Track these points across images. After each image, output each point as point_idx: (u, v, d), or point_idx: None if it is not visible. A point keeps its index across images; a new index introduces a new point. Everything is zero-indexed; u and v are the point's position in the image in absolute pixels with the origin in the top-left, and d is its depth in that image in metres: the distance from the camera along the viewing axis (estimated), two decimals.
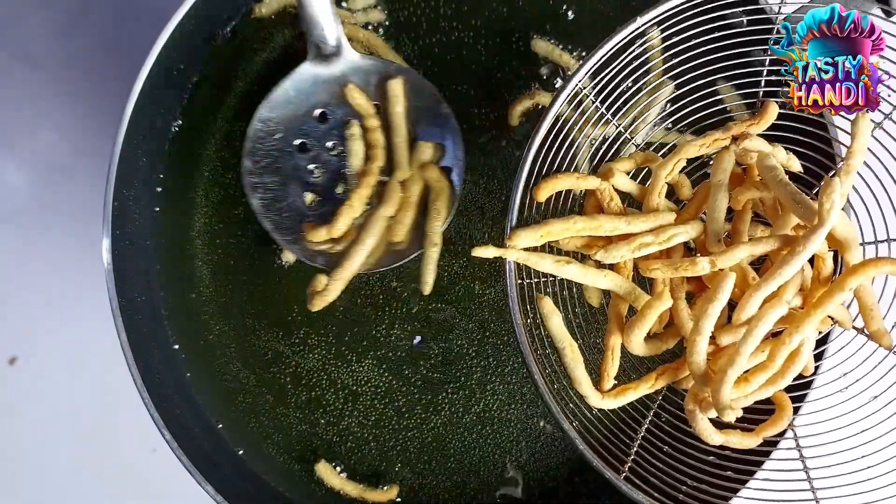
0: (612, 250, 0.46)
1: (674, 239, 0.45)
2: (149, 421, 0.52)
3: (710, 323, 0.43)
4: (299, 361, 0.59)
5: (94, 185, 0.61)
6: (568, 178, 0.46)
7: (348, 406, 0.59)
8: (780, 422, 0.47)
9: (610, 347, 0.47)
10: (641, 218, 0.46)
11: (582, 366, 0.47)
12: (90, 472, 0.64)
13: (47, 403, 0.64)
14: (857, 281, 0.43)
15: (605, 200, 0.47)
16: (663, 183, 0.47)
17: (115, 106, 0.52)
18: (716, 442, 0.46)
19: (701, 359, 0.44)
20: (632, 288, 0.47)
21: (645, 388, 0.47)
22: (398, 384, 0.59)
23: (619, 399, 0.47)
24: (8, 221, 0.64)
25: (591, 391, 0.46)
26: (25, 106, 0.64)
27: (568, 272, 0.46)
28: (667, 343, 0.48)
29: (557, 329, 0.47)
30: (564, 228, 0.45)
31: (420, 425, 0.59)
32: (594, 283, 0.47)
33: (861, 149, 0.44)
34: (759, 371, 0.44)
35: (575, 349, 0.47)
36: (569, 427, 0.47)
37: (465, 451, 0.59)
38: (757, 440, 0.47)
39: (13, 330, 0.65)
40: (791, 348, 0.43)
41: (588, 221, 0.46)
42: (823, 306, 0.43)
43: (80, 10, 0.64)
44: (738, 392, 0.44)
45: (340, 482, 0.58)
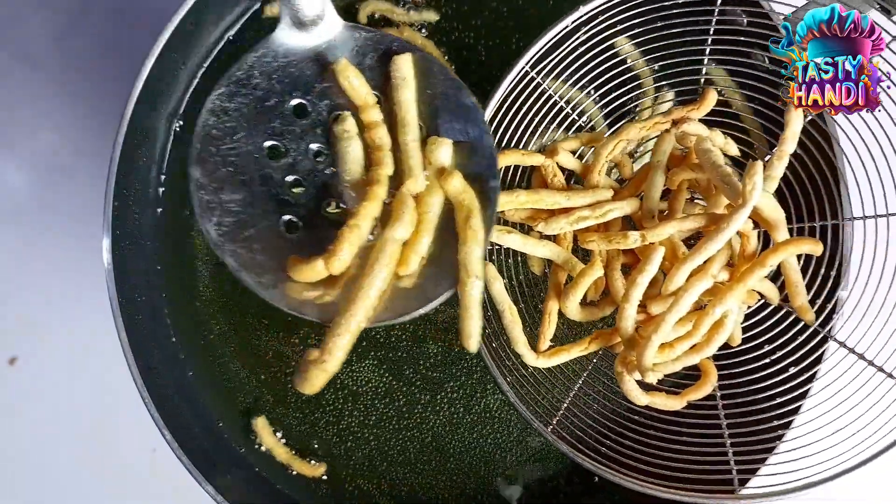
0: (553, 222, 0.49)
1: (609, 214, 0.49)
2: (149, 421, 0.52)
3: (639, 292, 0.46)
4: (299, 361, 0.59)
5: (94, 185, 0.61)
6: (514, 155, 0.50)
7: (348, 406, 0.59)
8: (704, 387, 0.50)
9: (547, 311, 0.51)
10: (581, 193, 0.50)
11: (520, 327, 0.50)
12: (90, 472, 0.64)
13: (47, 403, 0.64)
14: (778, 258, 0.46)
15: (548, 176, 0.51)
16: (604, 161, 0.50)
17: (115, 106, 0.52)
18: (642, 402, 0.49)
19: (629, 324, 0.47)
20: (569, 257, 0.50)
21: (578, 351, 0.51)
22: (398, 384, 0.59)
23: (553, 359, 0.51)
24: (8, 221, 0.64)
25: (526, 350, 0.50)
26: (25, 106, 0.64)
27: (510, 241, 0.50)
28: (603, 310, 0.51)
29: (499, 293, 0.50)
30: (508, 201, 0.49)
31: (420, 425, 0.59)
32: (534, 251, 0.50)
33: (793, 136, 0.47)
34: (684, 339, 0.47)
35: (514, 312, 0.50)
36: (502, 381, 0.50)
37: (465, 451, 0.59)
38: (681, 402, 0.50)
39: (13, 330, 0.65)
40: (714, 319, 0.46)
41: (530, 195, 0.49)
42: (745, 281, 0.46)
43: (80, 11, 0.64)
44: (662, 357, 0.47)
45: (273, 443, 0.58)
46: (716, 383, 0.50)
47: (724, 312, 0.46)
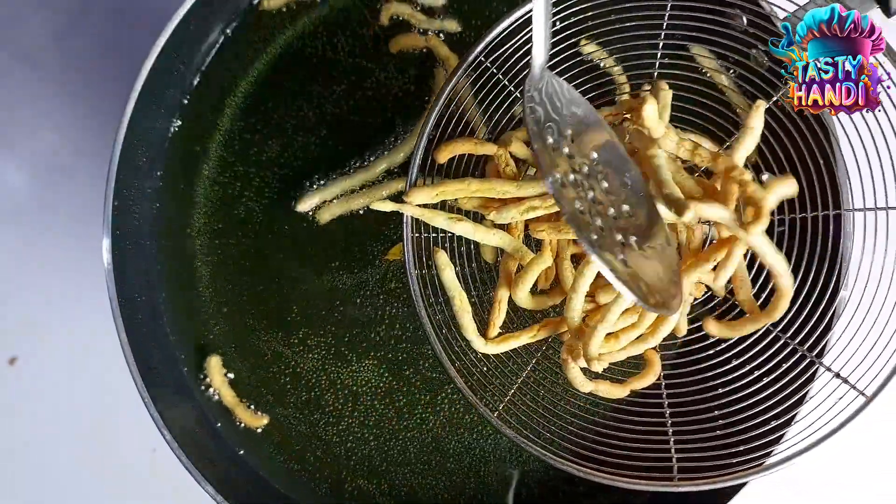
0: (504, 211, 0.49)
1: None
2: (149, 421, 0.52)
3: (586, 283, 0.47)
4: (299, 361, 0.59)
5: (94, 185, 0.61)
6: (467, 143, 0.51)
7: (348, 406, 0.59)
8: (647, 377, 0.50)
9: (498, 299, 0.51)
10: (531, 184, 0.50)
11: (469, 314, 0.51)
12: (90, 472, 0.64)
13: (47, 403, 0.64)
14: (720, 254, 0.46)
15: (501, 165, 0.51)
16: None
17: (115, 106, 0.53)
18: (585, 389, 0.50)
19: (576, 314, 0.48)
20: (519, 246, 0.51)
21: (526, 338, 0.51)
22: (398, 384, 0.59)
23: (501, 346, 0.51)
24: (8, 221, 0.64)
25: (475, 337, 0.51)
26: (25, 106, 0.64)
27: (460, 228, 0.50)
28: (553, 299, 0.52)
29: (450, 280, 0.51)
30: (459, 189, 0.50)
31: (420, 425, 0.59)
32: (484, 239, 0.51)
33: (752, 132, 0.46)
34: (629, 330, 0.48)
35: (464, 299, 0.51)
36: (450, 366, 0.51)
37: (465, 451, 0.59)
38: (624, 391, 0.50)
39: (13, 330, 0.65)
40: None
41: (482, 184, 0.50)
42: (689, 274, 0.46)
43: (80, 10, 0.64)
44: (608, 347, 0.48)
45: (221, 382, 0.58)
46: (659, 373, 0.51)
47: None
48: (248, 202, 0.59)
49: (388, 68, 0.59)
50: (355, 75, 0.59)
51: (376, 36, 0.59)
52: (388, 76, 0.59)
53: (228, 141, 0.59)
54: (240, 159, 0.59)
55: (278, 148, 0.59)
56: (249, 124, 0.59)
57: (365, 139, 0.59)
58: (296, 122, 0.59)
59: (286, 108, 0.59)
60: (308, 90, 0.59)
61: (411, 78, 0.59)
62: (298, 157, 0.59)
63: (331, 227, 0.59)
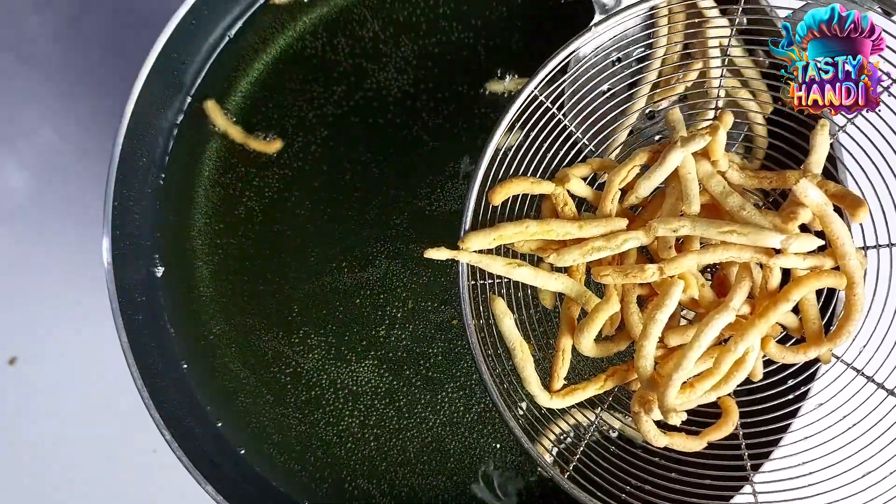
0: (564, 254, 0.47)
1: (625, 244, 0.46)
2: (149, 421, 0.52)
3: (658, 329, 0.44)
4: (299, 361, 0.59)
5: (94, 185, 0.61)
6: (522, 183, 0.48)
7: (348, 406, 0.59)
8: (725, 426, 0.48)
9: (560, 348, 0.48)
10: (593, 223, 0.47)
11: (531, 365, 0.47)
12: (90, 472, 0.64)
13: (47, 403, 0.64)
14: (801, 293, 0.44)
15: (559, 205, 0.48)
16: (617, 189, 0.48)
17: (115, 106, 0.53)
18: (660, 444, 0.47)
19: (648, 363, 0.45)
20: (582, 290, 0.48)
21: (594, 389, 0.48)
22: (398, 384, 0.59)
23: (568, 399, 0.48)
24: (8, 221, 0.64)
25: (539, 390, 0.48)
26: (25, 106, 0.64)
27: (519, 274, 0.47)
28: (618, 345, 0.49)
29: (509, 329, 0.48)
30: (517, 232, 0.47)
31: (420, 425, 0.59)
32: (545, 285, 0.48)
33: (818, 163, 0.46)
34: (704, 378, 0.45)
35: (525, 349, 0.48)
36: (514, 425, 0.48)
37: (466, 451, 0.59)
38: (701, 443, 0.48)
39: (13, 330, 0.65)
40: (736, 356, 0.44)
41: (540, 225, 0.47)
42: (767, 316, 0.44)
43: (80, 11, 0.64)
44: (682, 397, 0.45)
45: (225, 123, 0.57)
46: (737, 421, 0.48)
47: (746, 349, 0.44)
48: (248, 202, 0.59)
49: (388, 69, 0.59)
50: (355, 76, 0.59)
51: (376, 36, 0.59)
52: (388, 77, 0.59)
53: (229, 141, 0.59)
54: (240, 160, 0.59)
55: (278, 148, 0.59)
56: (249, 124, 0.59)
57: (366, 140, 0.59)
58: (296, 122, 0.59)
59: (286, 108, 0.59)
60: (308, 90, 0.59)
61: (411, 79, 0.59)
62: (299, 157, 0.59)
63: (331, 228, 0.59)
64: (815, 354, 0.46)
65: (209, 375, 0.59)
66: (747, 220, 0.44)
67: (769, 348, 0.46)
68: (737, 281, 0.46)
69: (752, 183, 0.47)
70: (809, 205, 0.44)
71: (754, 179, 0.47)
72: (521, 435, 0.48)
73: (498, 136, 0.47)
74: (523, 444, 0.48)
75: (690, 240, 0.47)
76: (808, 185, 0.43)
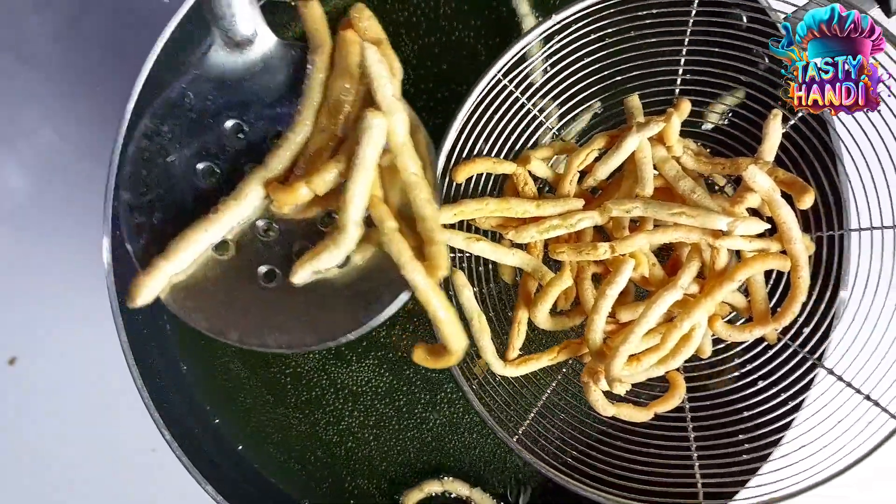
0: (523, 231, 0.49)
1: (579, 223, 0.49)
2: (149, 421, 0.52)
3: (608, 304, 0.47)
4: (299, 361, 0.59)
5: (94, 186, 0.61)
6: (485, 163, 0.50)
7: (348, 406, 0.59)
8: (672, 399, 0.50)
9: (517, 320, 0.50)
10: (551, 203, 0.49)
11: (488, 336, 0.49)
12: (90, 472, 0.64)
13: (47, 403, 0.64)
14: (746, 274, 0.46)
15: (520, 185, 0.51)
16: (576, 171, 0.50)
17: (115, 106, 0.52)
18: (608, 413, 0.49)
19: (598, 336, 0.47)
20: (539, 266, 0.50)
21: (547, 360, 0.51)
22: (398, 384, 0.59)
23: (521, 368, 0.50)
24: (8, 221, 0.64)
25: (494, 359, 0.50)
26: (25, 106, 0.64)
27: (478, 248, 0.49)
28: (573, 320, 0.51)
29: (468, 300, 0.49)
30: (478, 209, 0.49)
31: (420, 425, 0.59)
32: (503, 259, 0.50)
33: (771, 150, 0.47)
34: (651, 352, 0.47)
35: (482, 320, 0.49)
36: (468, 388, 0.50)
37: (465, 451, 0.59)
38: (648, 414, 0.50)
39: (13, 330, 0.65)
40: (682, 332, 0.46)
41: (500, 203, 0.49)
42: (713, 294, 0.46)
43: (80, 11, 0.64)
44: (629, 369, 0.47)
45: None
46: (684, 395, 0.50)
47: (693, 326, 0.46)
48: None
49: None
50: None
51: None
52: None
53: None
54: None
55: None
56: None
57: None
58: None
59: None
60: None
61: (411, 78, 0.59)
62: None
63: None
64: (761, 333, 0.48)
65: (209, 375, 0.59)
66: (697, 203, 0.47)
67: (716, 327, 0.48)
68: (686, 261, 0.48)
69: (706, 169, 0.49)
70: (758, 190, 0.46)
71: (708, 165, 0.49)
72: (474, 398, 0.50)
73: (462, 116, 0.49)
74: (476, 408, 0.50)
75: (644, 221, 0.49)
76: (756, 171, 0.45)
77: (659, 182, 0.49)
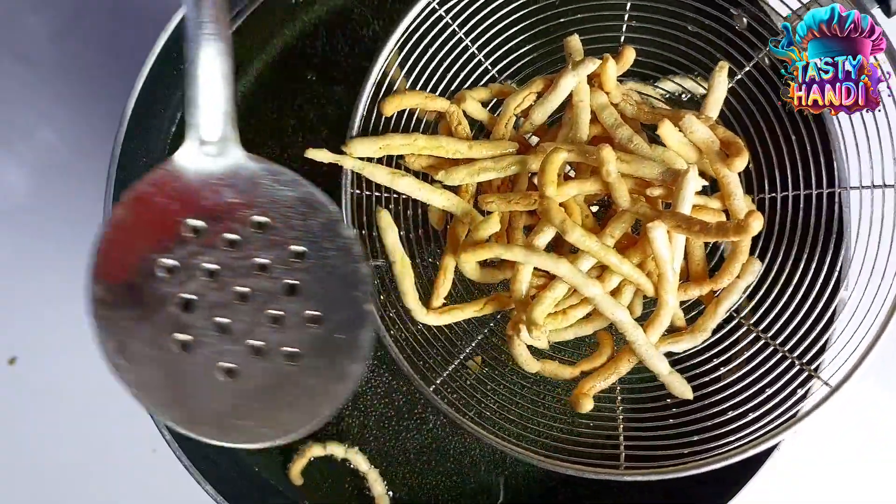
0: (453, 172, 0.47)
1: (511, 168, 0.47)
2: (149, 421, 0.52)
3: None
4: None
5: (94, 185, 0.61)
6: (416, 97, 0.48)
7: (348, 406, 0.59)
8: (599, 358, 0.48)
9: (443, 266, 0.48)
10: (484, 144, 0.47)
11: (410, 280, 0.47)
12: (90, 472, 0.64)
13: (47, 403, 0.64)
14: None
15: (453, 124, 0.48)
16: (512, 114, 0.48)
17: (115, 106, 0.52)
18: (532, 369, 0.47)
19: (523, 286, 0.45)
20: (468, 209, 0.48)
21: (471, 311, 0.48)
22: (398, 384, 0.59)
23: (444, 317, 0.48)
24: (7, 221, 0.64)
25: (416, 305, 0.47)
26: (25, 106, 0.64)
27: (403, 185, 0.47)
28: (504, 272, 0.48)
29: (392, 243, 0.47)
30: (405, 144, 0.47)
31: (420, 425, 0.59)
32: (429, 199, 0.47)
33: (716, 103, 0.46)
34: (578, 306, 0.45)
35: (406, 263, 0.47)
36: (385, 334, 0.47)
37: (465, 451, 0.59)
38: (573, 372, 0.48)
39: (13, 330, 0.65)
40: (610, 287, 0.45)
41: (429, 141, 0.47)
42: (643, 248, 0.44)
43: (80, 10, 0.64)
44: (555, 324, 0.45)
45: None
46: (610, 354, 0.48)
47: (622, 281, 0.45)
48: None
49: None
50: (355, 76, 0.59)
51: (376, 36, 0.59)
52: None
53: None
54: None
55: (278, 148, 0.59)
56: (249, 124, 0.59)
57: None
58: (296, 122, 0.59)
59: (286, 108, 0.59)
60: (308, 90, 0.59)
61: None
62: (299, 157, 0.59)
63: None
64: (697, 294, 0.47)
65: None
66: (634, 153, 0.45)
67: None
68: (619, 213, 0.45)
69: (647, 118, 0.47)
70: (696, 141, 0.45)
71: (648, 115, 0.47)
72: (391, 343, 0.47)
73: (393, 41, 0.47)
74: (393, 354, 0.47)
75: (579, 170, 0.47)
76: (693, 121, 0.44)
77: (597, 130, 0.47)
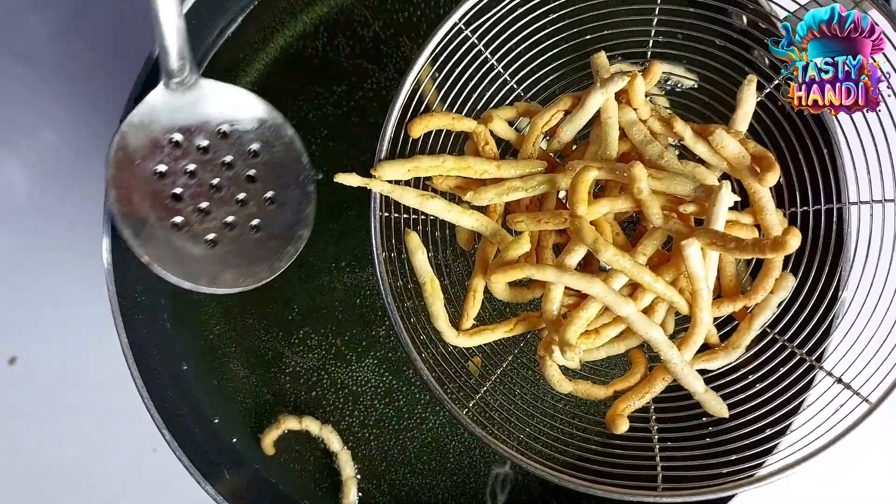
0: (481, 192, 0.46)
1: (540, 187, 0.46)
2: (149, 421, 0.52)
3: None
4: (299, 361, 0.59)
5: (95, 185, 0.61)
6: (444, 118, 0.47)
7: (348, 406, 0.59)
8: (633, 377, 0.47)
9: (473, 288, 0.47)
10: (512, 164, 0.47)
11: (440, 302, 0.47)
12: (90, 472, 0.64)
13: (47, 403, 0.64)
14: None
15: (480, 144, 0.48)
16: (539, 132, 0.47)
17: (115, 106, 0.52)
18: (564, 390, 0.46)
19: (554, 306, 0.45)
20: (497, 229, 0.47)
21: (502, 332, 0.48)
22: (398, 384, 0.59)
23: (474, 339, 0.47)
24: (8, 221, 0.64)
25: (446, 327, 0.47)
26: (25, 106, 0.64)
27: (432, 207, 0.46)
28: (533, 293, 0.48)
29: (421, 264, 0.47)
30: (433, 166, 0.46)
31: (420, 425, 0.59)
32: (459, 220, 0.47)
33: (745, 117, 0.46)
34: (611, 325, 0.45)
35: (435, 285, 0.47)
36: (416, 357, 0.47)
37: (465, 451, 0.59)
38: (607, 392, 0.47)
39: (13, 330, 0.65)
40: (643, 304, 0.44)
41: (457, 161, 0.46)
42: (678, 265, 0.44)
43: (80, 10, 0.64)
44: (588, 343, 0.45)
45: None
46: (644, 373, 0.47)
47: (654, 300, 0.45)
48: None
49: (388, 69, 0.59)
50: (355, 76, 0.59)
51: (377, 36, 0.59)
52: (389, 77, 0.59)
53: None
54: None
55: None
56: None
57: (366, 139, 0.59)
58: (296, 122, 0.59)
59: (286, 108, 0.59)
60: (308, 90, 0.59)
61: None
62: None
63: (330, 227, 0.59)
64: (730, 310, 0.46)
65: (209, 375, 0.59)
66: (665, 169, 0.44)
67: None
68: (650, 231, 0.45)
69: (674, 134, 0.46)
70: (726, 155, 0.44)
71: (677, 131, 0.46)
72: (422, 367, 0.47)
73: (420, 64, 0.46)
74: (424, 378, 0.47)
75: (609, 188, 0.47)
76: (723, 135, 0.44)
77: (626, 146, 0.47)
